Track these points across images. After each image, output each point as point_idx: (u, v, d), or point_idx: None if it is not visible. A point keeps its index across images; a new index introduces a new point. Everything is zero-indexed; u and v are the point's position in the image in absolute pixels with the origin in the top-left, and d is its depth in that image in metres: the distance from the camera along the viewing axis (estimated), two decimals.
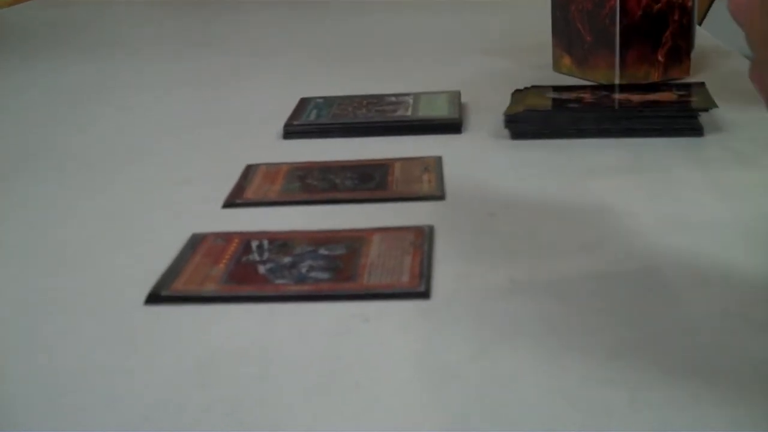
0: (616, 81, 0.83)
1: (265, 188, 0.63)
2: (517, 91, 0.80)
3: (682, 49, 0.85)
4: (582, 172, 0.63)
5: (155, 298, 0.47)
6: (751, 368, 0.38)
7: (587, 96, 0.76)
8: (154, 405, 0.38)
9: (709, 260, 0.48)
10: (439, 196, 0.60)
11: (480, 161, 0.66)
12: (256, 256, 0.51)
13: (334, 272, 0.48)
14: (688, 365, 0.38)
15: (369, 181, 0.63)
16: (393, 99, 0.82)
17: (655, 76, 0.84)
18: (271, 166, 0.67)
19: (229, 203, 0.61)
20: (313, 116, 0.78)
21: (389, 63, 1.05)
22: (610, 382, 0.37)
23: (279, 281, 0.48)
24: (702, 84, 0.78)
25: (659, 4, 0.83)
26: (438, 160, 0.66)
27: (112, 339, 0.44)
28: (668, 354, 0.39)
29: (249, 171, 0.67)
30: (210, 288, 0.48)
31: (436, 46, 1.13)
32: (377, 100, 0.82)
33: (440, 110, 0.77)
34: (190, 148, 0.76)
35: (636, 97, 0.74)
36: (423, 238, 0.52)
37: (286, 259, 0.50)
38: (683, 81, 0.83)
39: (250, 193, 0.62)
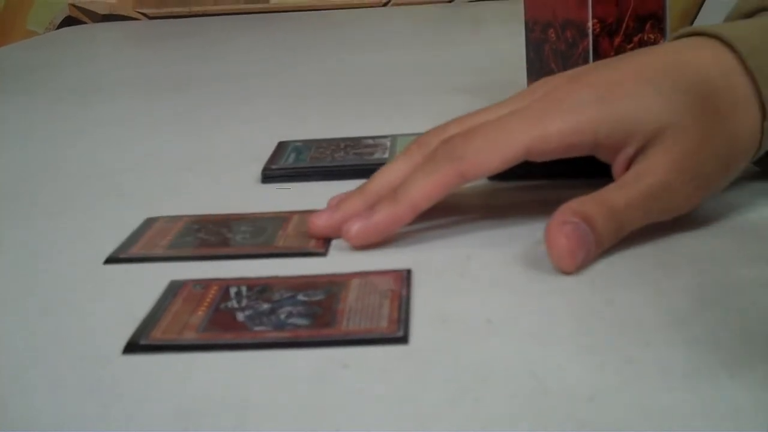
0: None
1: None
2: None
3: None
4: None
5: (134, 347, 0.47)
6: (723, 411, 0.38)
7: None
8: None
9: (685, 299, 0.49)
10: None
11: (457, 202, 0.67)
12: (234, 303, 0.51)
13: (313, 318, 0.48)
14: (664, 406, 0.39)
15: None
16: (370, 141, 0.82)
17: None
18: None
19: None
20: (291, 160, 0.79)
21: (366, 103, 1.06)
22: (588, 425, 0.38)
23: (257, 328, 0.48)
24: None
25: (632, 44, 0.84)
26: None
27: (91, 389, 0.44)
28: (645, 395, 0.40)
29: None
30: (189, 336, 0.48)
31: (413, 85, 1.14)
32: (354, 142, 0.82)
33: None
34: (164, 190, 0.76)
35: None
36: (401, 282, 0.52)
37: (265, 306, 0.50)
38: None
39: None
